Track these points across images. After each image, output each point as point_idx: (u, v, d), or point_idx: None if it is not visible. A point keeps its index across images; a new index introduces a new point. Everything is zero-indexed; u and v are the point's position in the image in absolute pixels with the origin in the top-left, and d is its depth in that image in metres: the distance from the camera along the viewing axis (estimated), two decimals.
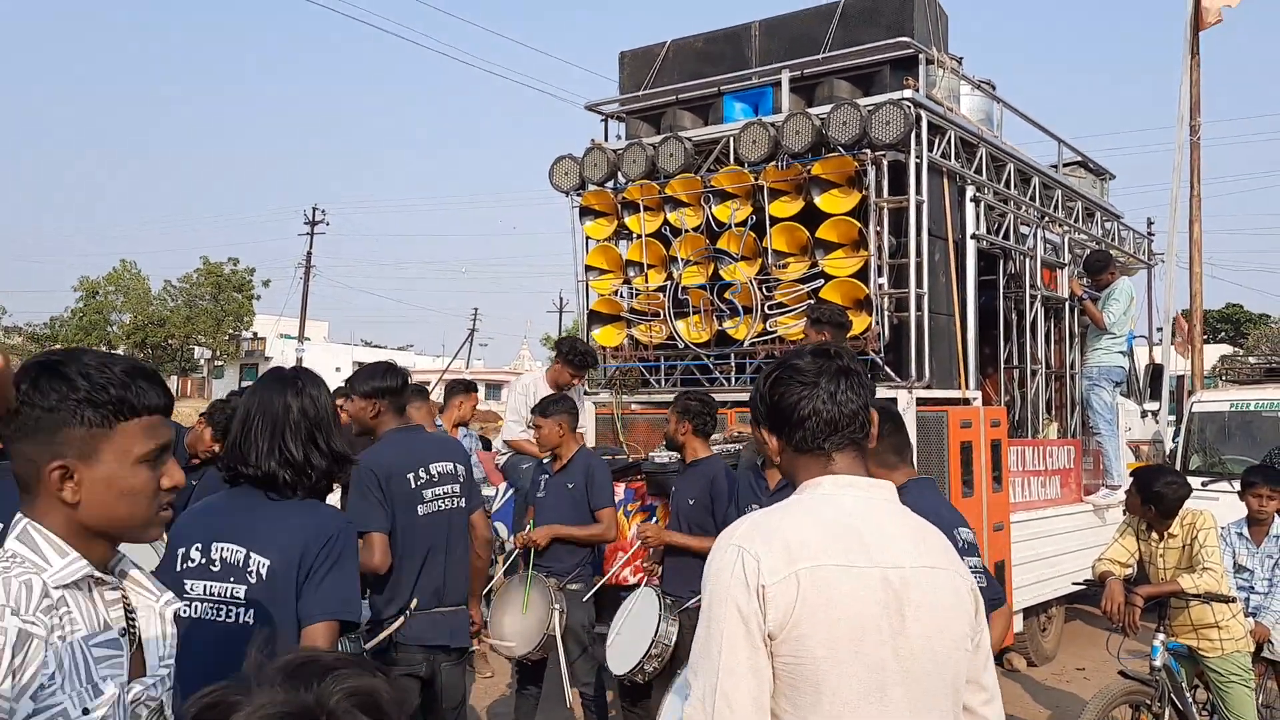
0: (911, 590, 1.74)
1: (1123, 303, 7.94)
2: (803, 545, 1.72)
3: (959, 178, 6.59)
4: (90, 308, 48.73)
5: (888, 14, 6.61)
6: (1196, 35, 12.33)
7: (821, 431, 1.85)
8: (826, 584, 1.69)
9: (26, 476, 1.50)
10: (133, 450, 1.51)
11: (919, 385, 6.00)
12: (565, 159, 7.27)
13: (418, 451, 3.85)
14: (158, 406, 1.54)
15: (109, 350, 48.18)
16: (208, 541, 2.33)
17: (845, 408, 1.86)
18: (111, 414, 1.49)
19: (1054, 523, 7.19)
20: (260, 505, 2.37)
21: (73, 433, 1.48)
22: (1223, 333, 48.13)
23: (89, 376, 1.49)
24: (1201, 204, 13.01)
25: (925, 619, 1.74)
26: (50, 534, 1.48)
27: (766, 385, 1.91)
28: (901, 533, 1.81)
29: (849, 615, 1.69)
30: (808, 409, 1.85)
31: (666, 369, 7.00)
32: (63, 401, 1.47)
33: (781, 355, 2.01)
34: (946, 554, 1.85)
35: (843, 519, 1.78)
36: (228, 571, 2.29)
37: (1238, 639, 4.57)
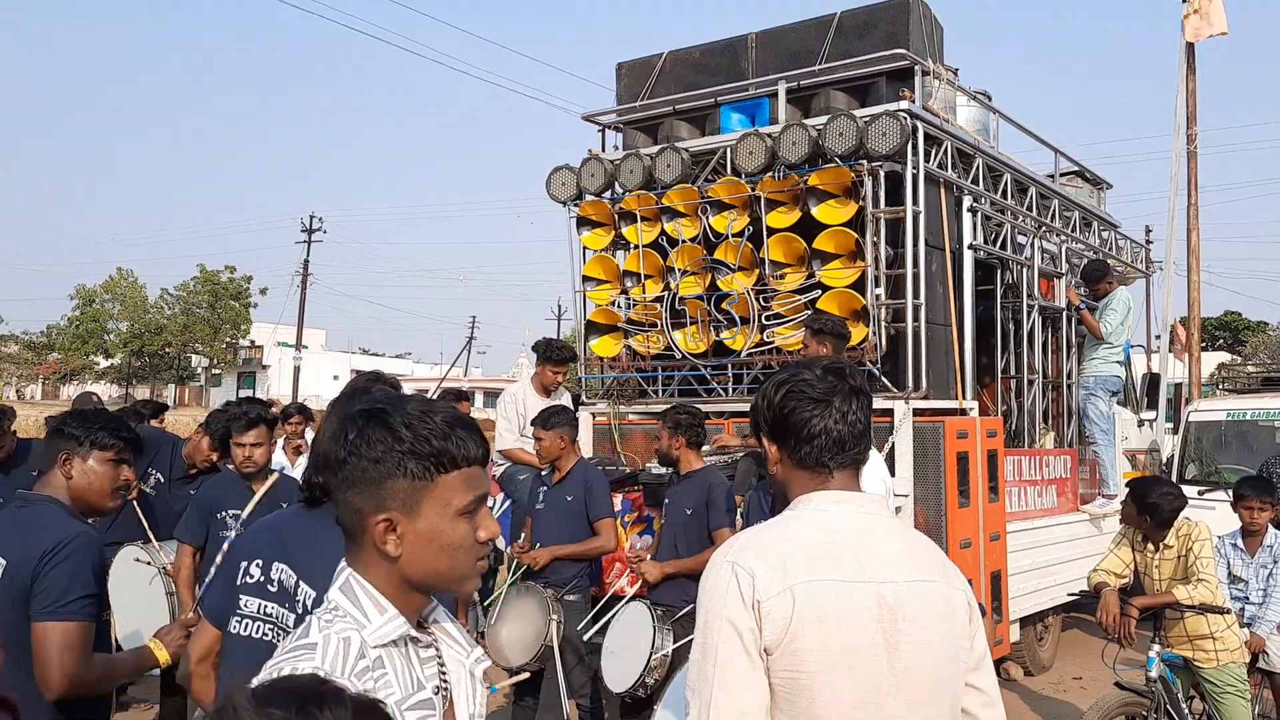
0: (905, 605, 1.75)
1: (1120, 312, 7.96)
2: (797, 561, 1.73)
3: (956, 188, 6.61)
4: (87, 316, 48.70)
5: (883, 26, 6.64)
6: (1192, 47, 12.40)
7: (829, 450, 1.87)
8: (821, 599, 1.71)
9: (351, 527, 1.50)
10: (453, 502, 1.48)
11: (916, 396, 6.02)
12: (563, 169, 7.29)
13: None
14: (476, 458, 1.51)
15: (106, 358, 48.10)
16: (269, 560, 2.31)
17: (855, 428, 1.88)
18: (433, 466, 1.46)
19: (1050, 532, 7.20)
20: (324, 532, 2.26)
21: (396, 485, 1.46)
22: (1220, 340, 48.19)
23: (412, 427, 1.47)
24: (1199, 213, 13.08)
25: (920, 632, 1.76)
26: (371, 589, 1.47)
27: (777, 396, 1.92)
28: (894, 547, 1.82)
29: (844, 630, 1.71)
30: (819, 427, 1.87)
31: (664, 379, 7.01)
32: (388, 453, 1.45)
33: (791, 365, 2.02)
34: (940, 567, 1.87)
35: (836, 535, 1.80)
36: (282, 595, 2.27)
37: (1233, 650, 4.58)
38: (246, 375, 57.70)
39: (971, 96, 7.31)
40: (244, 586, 2.31)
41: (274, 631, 2.26)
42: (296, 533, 2.34)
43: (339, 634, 1.42)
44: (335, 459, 1.48)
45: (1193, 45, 12.42)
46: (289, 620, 2.24)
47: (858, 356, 5.98)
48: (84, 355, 48.36)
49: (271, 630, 2.27)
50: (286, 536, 2.34)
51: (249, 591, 2.30)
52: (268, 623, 2.27)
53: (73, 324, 48.76)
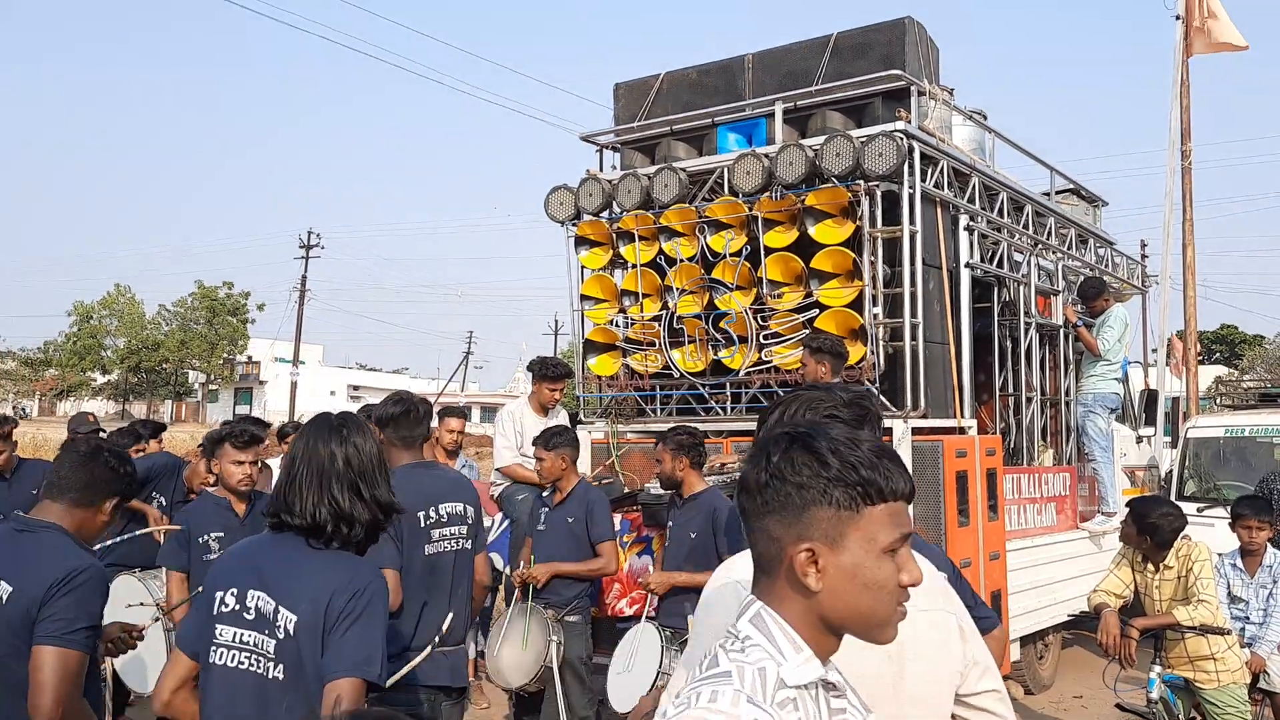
0: (911, 634, 1.74)
1: (1117, 329, 7.98)
2: None
3: (952, 207, 6.63)
4: (84, 332, 48.70)
5: (879, 47, 6.68)
6: (1186, 63, 12.46)
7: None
8: None
9: (767, 556, 1.43)
10: (878, 538, 1.39)
11: (914, 414, 6.02)
12: (561, 189, 7.31)
13: (429, 490, 3.81)
14: (903, 492, 1.42)
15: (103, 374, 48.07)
16: (244, 588, 2.29)
17: None
18: (860, 496, 1.38)
19: (1050, 550, 7.19)
20: (298, 555, 2.32)
21: (820, 513, 1.38)
22: (1217, 354, 48.27)
23: (839, 453, 1.40)
24: (1194, 227, 13.13)
25: (921, 661, 1.80)
26: (785, 625, 1.39)
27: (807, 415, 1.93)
28: None
29: (853, 659, 1.67)
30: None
31: (662, 398, 7.01)
32: (813, 479, 1.38)
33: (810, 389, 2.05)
34: (929, 594, 1.88)
35: None
36: (260, 622, 2.25)
37: (1234, 670, 4.58)
38: (244, 391, 57.63)
39: (967, 116, 7.34)
40: (220, 616, 2.30)
41: (253, 659, 2.25)
42: (272, 559, 2.33)
43: (754, 664, 1.34)
44: (755, 483, 1.42)
45: (1187, 62, 12.48)
46: (269, 646, 2.22)
47: (856, 375, 5.99)
48: (81, 372, 48.32)
49: (250, 659, 2.25)
50: (261, 563, 2.33)
51: (225, 621, 2.29)
52: (244, 651, 2.26)
53: (70, 340, 48.74)
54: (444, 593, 3.78)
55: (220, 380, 54.27)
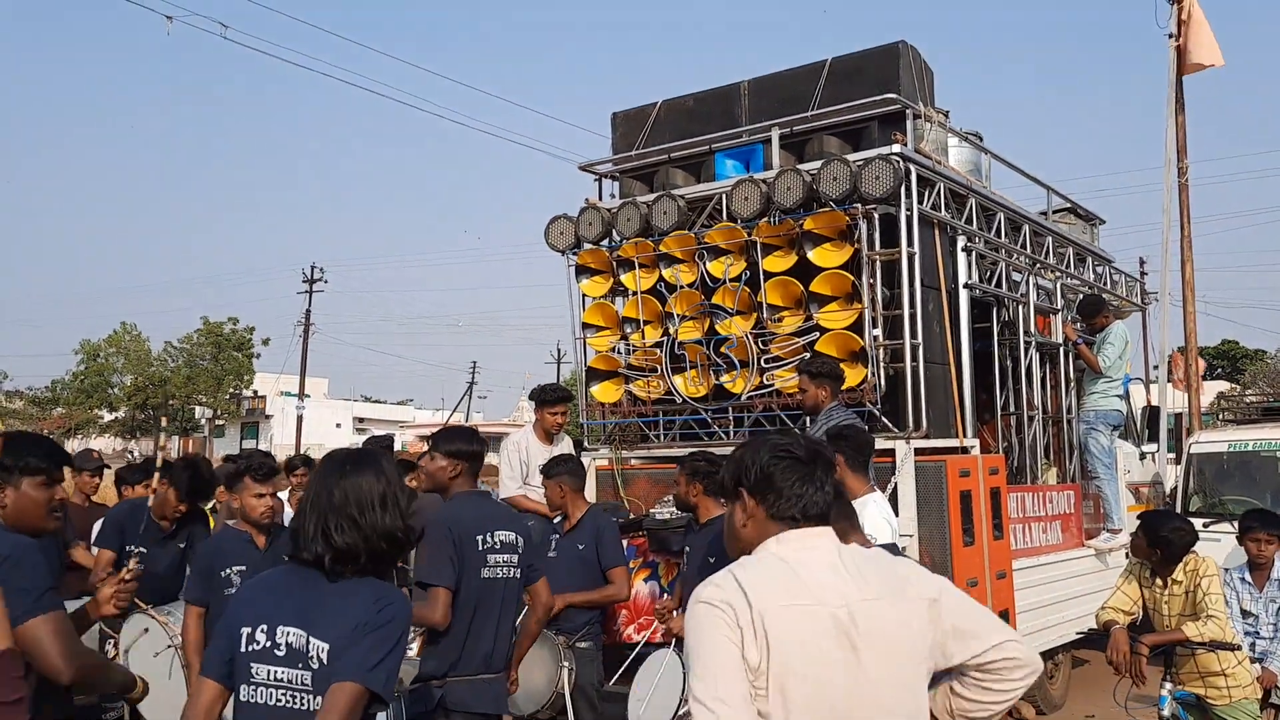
0: (859, 622, 1.96)
1: (1117, 346, 8.00)
2: (763, 592, 1.95)
3: (950, 228, 6.67)
4: (91, 370, 48.74)
5: (874, 72, 6.74)
6: (1180, 80, 12.54)
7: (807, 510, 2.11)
8: (785, 624, 1.92)
9: None
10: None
11: (917, 435, 6.03)
12: (560, 219, 7.37)
13: (488, 517, 3.96)
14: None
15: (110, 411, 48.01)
16: (273, 624, 2.31)
17: (828, 496, 2.15)
18: None
19: (1057, 568, 7.17)
20: (319, 586, 2.35)
21: None
22: (1219, 369, 48.18)
23: None
24: (1192, 244, 13.16)
25: (879, 647, 1.96)
26: None
27: (765, 457, 2.15)
28: (844, 575, 2.03)
29: (811, 648, 1.92)
30: (801, 489, 2.11)
31: (665, 424, 7.03)
32: None
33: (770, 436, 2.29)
34: (887, 583, 2.05)
35: (789, 572, 2.02)
36: (294, 657, 2.27)
37: (1245, 686, 4.56)
38: (250, 426, 57.59)
39: (963, 138, 7.40)
40: (250, 654, 2.31)
41: (289, 695, 2.26)
42: (297, 592, 2.35)
43: None
44: None
45: (1181, 79, 12.56)
46: (306, 679, 2.25)
47: (857, 398, 6.01)
48: (88, 409, 48.36)
49: (286, 695, 2.27)
50: (286, 597, 2.35)
51: (257, 659, 2.30)
52: (279, 689, 2.28)
53: (77, 378, 48.77)
54: (493, 619, 3.85)
55: (226, 415, 54.24)
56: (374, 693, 2.22)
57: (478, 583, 3.81)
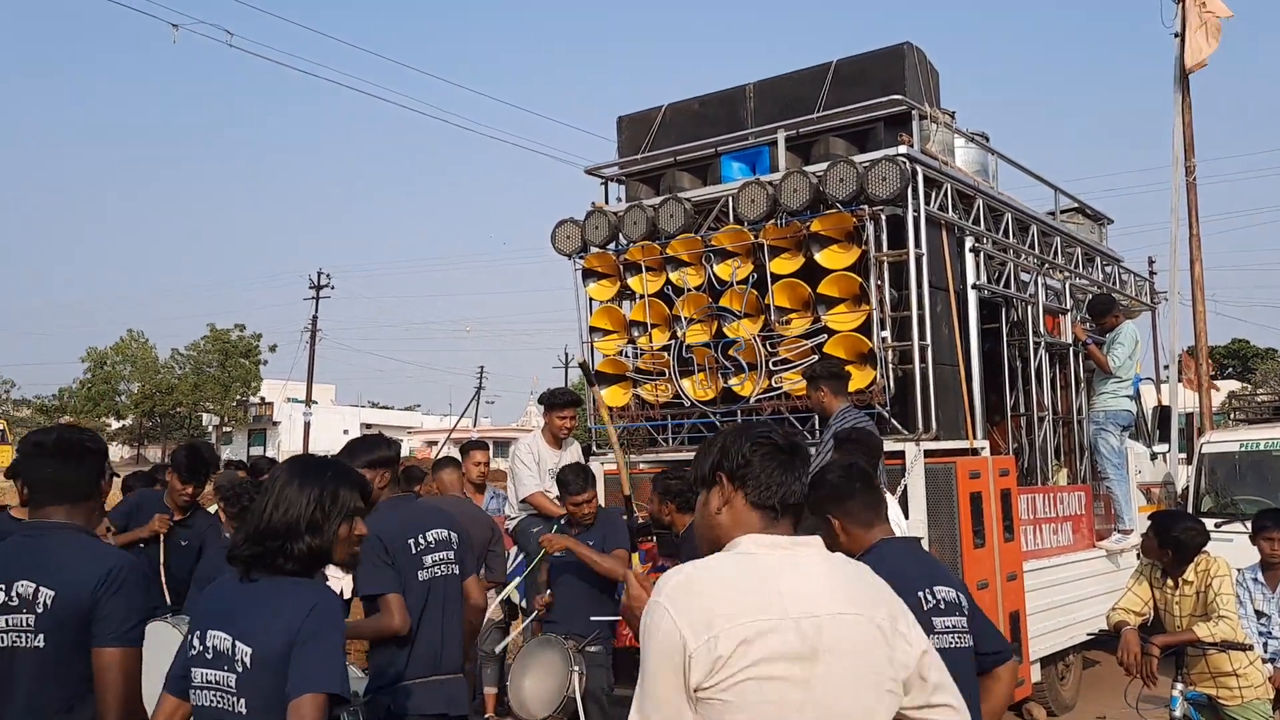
0: (825, 635, 1.89)
1: (1127, 346, 7.97)
2: (722, 607, 1.88)
3: (957, 229, 6.66)
4: (98, 378, 48.96)
5: (879, 73, 6.73)
6: (1187, 79, 12.51)
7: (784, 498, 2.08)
8: (743, 643, 1.85)
9: None
10: None
11: (926, 437, 6.01)
12: (567, 223, 7.37)
13: (416, 518, 3.93)
14: None
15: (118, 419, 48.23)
16: (205, 629, 2.39)
17: (804, 488, 2.13)
18: None
19: (1067, 570, 7.15)
20: (247, 589, 2.42)
21: None
22: (1229, 369, 48.02)
23: None
24: (1201, 242, 13.12)
25: (840, 662, 1.89)
26: None
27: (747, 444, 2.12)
28: (820, 583, 1.97)
29: (763, 671, 1.85)
30: (780, 478, 2.08)
31: (673, 427, 7.02)
32: None
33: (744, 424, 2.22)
34: (864, 600, 1.99)
35: (760, 578, 1.95)
36: (219, 659, 2.33)
37: (1256, 686, 4.54)
38: (257, 433, 57.72)
39: (969, 138, 7.39)
40: (191, 659, 2.40)
41: (217, 697, 2.33)
42: (229, 598, 2.43)
43: None
44: None
45: (1188, 78, 12.54)
46: (230, 681, 2.30)
47: (866, 400, 6.00)
48: (96, 417, 48.52)
49: (215, 696, 2.34)
50: (219, 603, 2.44)
51: (195, 663, 2.39)
52: (211, 690, 2.35)
53: (84, 387, 49.00)
54: (438, 619, 3.83)
55: (234, 422, 54.40)
56: (334, 695, 2.27)
57: (416, 585, 3.78)
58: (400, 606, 3.68)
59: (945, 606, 3.03)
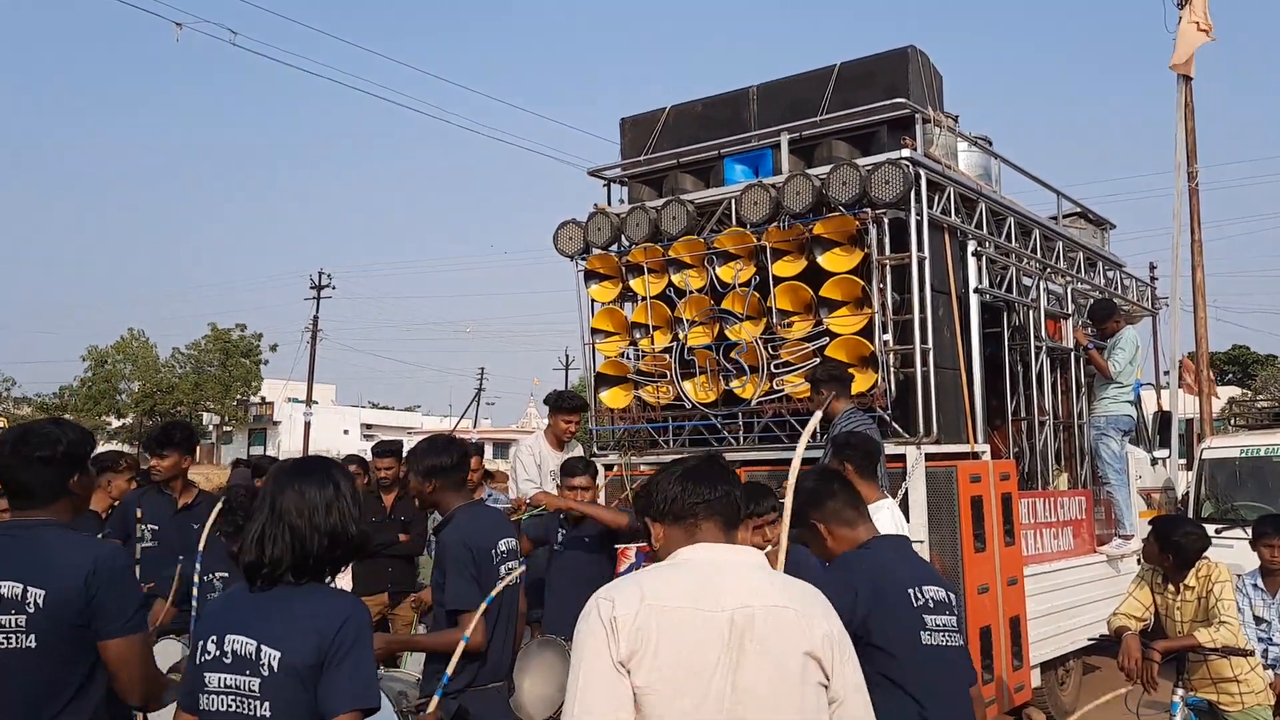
0: (756, 626, 1.98)
1: (1128, 351, 7.97)
2: (655, 590, 2.01)
3: (960, 233, 6.66)
4: (99, 377, 48.91)
5: (883, 76, 6.73)
6: (1189, 85, 12.52)
7: (687, 505, 2.20)
8: (671, 623, 1.96)
9: None
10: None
11: (927, 441, 6.01)
12: (569, 224, 7.37)
13: (492, 528, 3.98)
14: None
15: (118, 418, 48.24)
16: (222, 634, 2.37)
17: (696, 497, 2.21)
18: None
19: (1068, 575, 7.14)
20: (264, 596, 2.41)
21: None
22: (1230, 374, 48.03)
23: None
24: (1203, 249, 13.12)
25: (765, 653, 1.97)
26: None
27: (650, 484, 2.29)
28: (758, 580, 2.07)
29: (689, 651, 1.95)
30: (675, 490, 2.22)
31: (674, 430, 7.02)
32: None
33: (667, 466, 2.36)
34: (803, 599, 2.09)
35: (700, 574, 2.06)
36: (241, 664, 2.32)
37: (1258, 692, 4.54)
38: (257, 433, 57.73)
39: (972, 142, 7.39)
40: (204, 665, 2.38)
41: (237, 702, 2.32)
42: (247, 604, 2.42)
43: None
44: None
45: (1190, 83, 12.54)
46: (254, 685, 2.30)
47: (868, 403, 6.00)
48: (96, 416, 48.49)
49: (234, 701, 2.32)
50: (236, 610, 2.42)
51: (209, 669, 2.37)
52: (229, 695, 2.33)
53: (85, 385, 48.94)
54: (506, 628, 3.91)
55: (234, 422, 54.37)
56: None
57: (499, 596, 3.82)
58: (482, 624, 3.71)
59: (935, 605, 3.04)
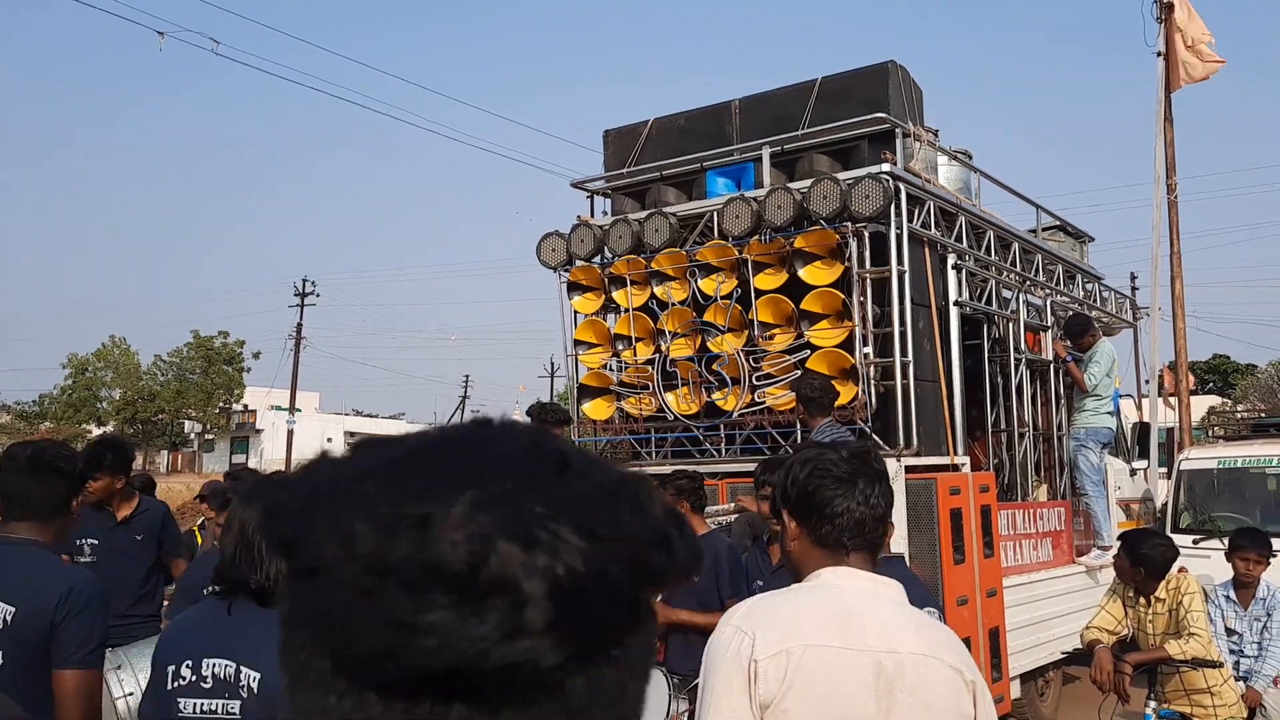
0: (906, 675, 1.78)
1: (1104, 364, 8.03)
2: (798, 625, 1.80)
3: (940, 246, 6.70)
4: (79, 384, 48.53)
5: (863, 91, 6.79)
6: (1169, 98, 12.65)
7: (849, 530, 1.93)
8: (817, 663, 1.75)
9: None
10: None
11: (907, 453, 6.05)
12: (552, 235, 7.39)
13: None
14: None
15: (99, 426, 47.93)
16: (198, 658, 2.29)
17: (875, 511, 1.95)
18: None
19: (1047, 586, 7.19)
20: (246, 614, 2.33)
21: None
22: (1210, 384, 48.37)
23: None
24: (1182, 260, 13.25)
25: (917, 704, 1.78)
26: None
27: (803, 474, 1.97)
28: (904, 622, 1.86)
29: (835, 694, 1.75)
30: (841, 507, 1.93)
31: (657, 441, 7.04)
32: None
33: (816, 445, 2.11)
34: (950, 647, 1.89)
35: (843, 605, 1.85)
36: (220, 688, 2.26)
37: (1230, 705, 4.57)
38: (240, 441, 57.39)
39: (952, 156, 7.45)
40: (177, 690, 2.29)
41: None
42: (222, 625, 2.33)
43: None
44: None
45: (1169, 96, 12.67)
46: (234, 708, 2.24)
47: (848, 415, 6.03)
48: (76, 424, 48.12)
49: None
50: (212, 631, 2.33)
51: (184, 694, 2.29)
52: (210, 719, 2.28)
53: (65, 393, 48.54)
54: None
55: (216, 430, 54.06)
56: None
57: None
58: None
59: None
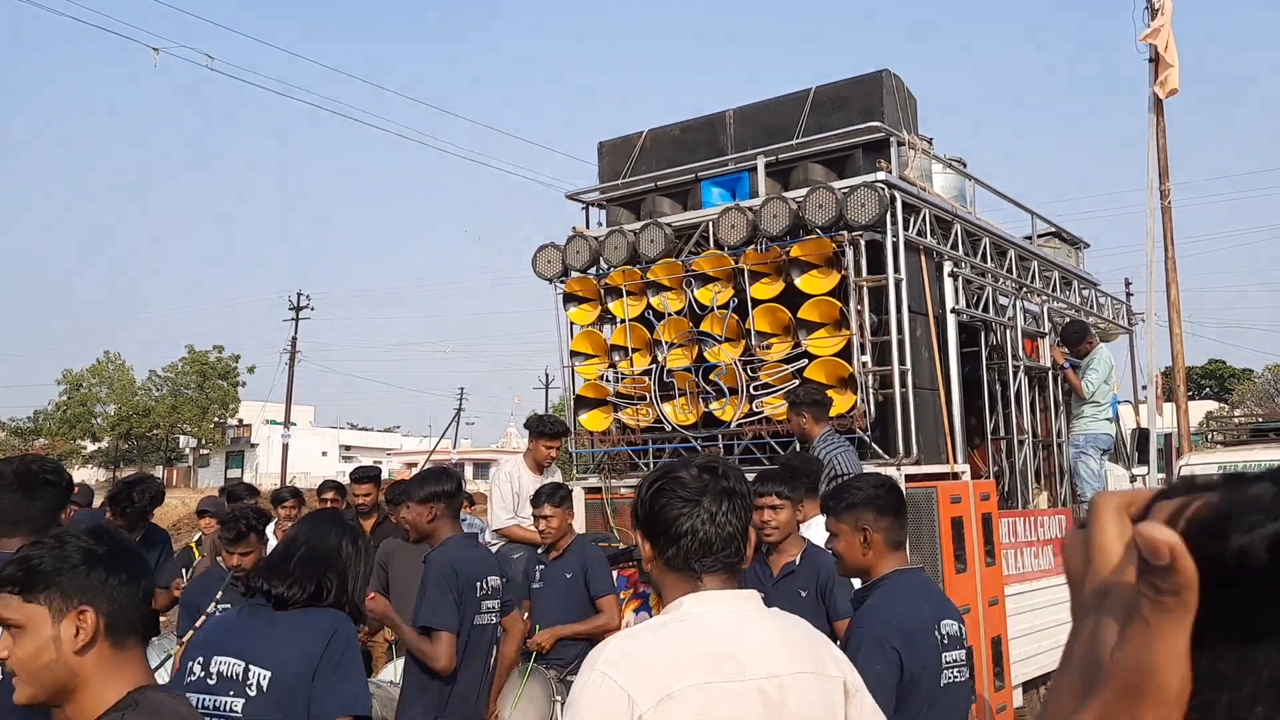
0: (789, 700, 1.72)
1: (1101, 371, 8.02)
2: (676, 665, 1.69)
3: (936, 254, 6.69)
4: (74, 400, 48.44)
5: (857, 100, 6.78)
6: (1160, 104, 12.67)
7: (695, 552, 1.82)
8: (701, 702, 1.66)
9: None
10: None
11: (907, 461, 6.02)
12: (548, 247, 7.36)
13: (481, 562, 3.98)
14: None
15: (94, 441, 47.76)
16: (209, 655, 2.41)
17: (723, 530, 1.83)
18: None
19: (1049, 593, 7.15)
20: (267, 617, 2.48)
21: None
22: (1207, 389, 48.47)
23: None
24: (1177, 265, 13.27)
25: None
26: None
27: (649, 493, 1.88)
28: (772, 641, 1.79)
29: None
30: (685, 526, 1.83)
31: (654, 452, 7.00)
32: None
33: (666, 465, 1.98)
34: (813, 656, 1.82)
35: (710, 638, 1.76)
36: (224, 684, 2.35)
37: None
38: (235, 455, 57.28)
39: (947, 164, 7.44)
40: (187, 686, 2.42)
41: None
42: (244, 625, 2.48)
43: None
44: None
45: (1161, 102, 12.70)
46: (236, 706, 2.33)
47: (847, 424, 6.00)
48: (71, 440, 47.99)
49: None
50: (225, 631, 2.49)
51: (192, 689, 2.41)
52: (211, 716, 2.37)
53: (60, 409, 48.43)
54: (479, 665, 3.85)
55: (211, 444, 53.94)
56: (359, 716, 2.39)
57: (471, 629, 3.81)
58: (452, 648, 3.69)
59: (949, 641, 2.96)
